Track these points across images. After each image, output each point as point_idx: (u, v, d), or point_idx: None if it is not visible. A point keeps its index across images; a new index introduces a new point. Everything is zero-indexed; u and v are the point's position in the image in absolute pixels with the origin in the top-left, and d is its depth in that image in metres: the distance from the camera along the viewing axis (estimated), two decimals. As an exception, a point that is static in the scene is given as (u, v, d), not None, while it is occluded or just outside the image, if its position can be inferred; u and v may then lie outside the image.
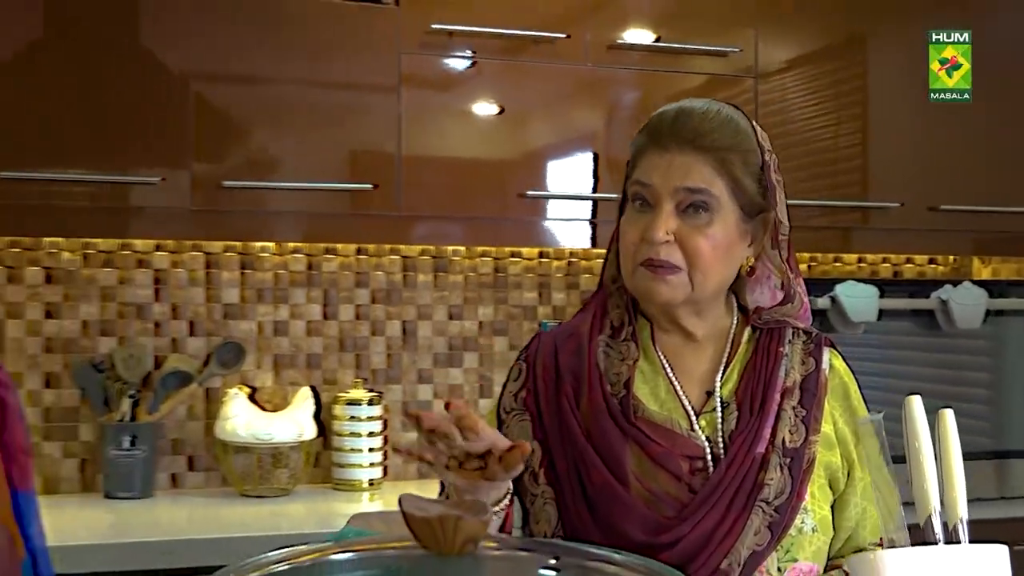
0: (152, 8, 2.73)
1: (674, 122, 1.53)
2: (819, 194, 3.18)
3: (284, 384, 3.12)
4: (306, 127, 2.84)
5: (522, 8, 2.93)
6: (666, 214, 1.49)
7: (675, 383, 1.58)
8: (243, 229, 2.91)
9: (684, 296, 1.52)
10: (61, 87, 2.65)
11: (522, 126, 3.00)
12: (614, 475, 1.51)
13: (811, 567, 1.53)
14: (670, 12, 3.07)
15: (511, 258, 3.29)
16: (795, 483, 1.51)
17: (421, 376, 3.23)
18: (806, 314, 1.65)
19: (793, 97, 3.18)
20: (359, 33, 2.85)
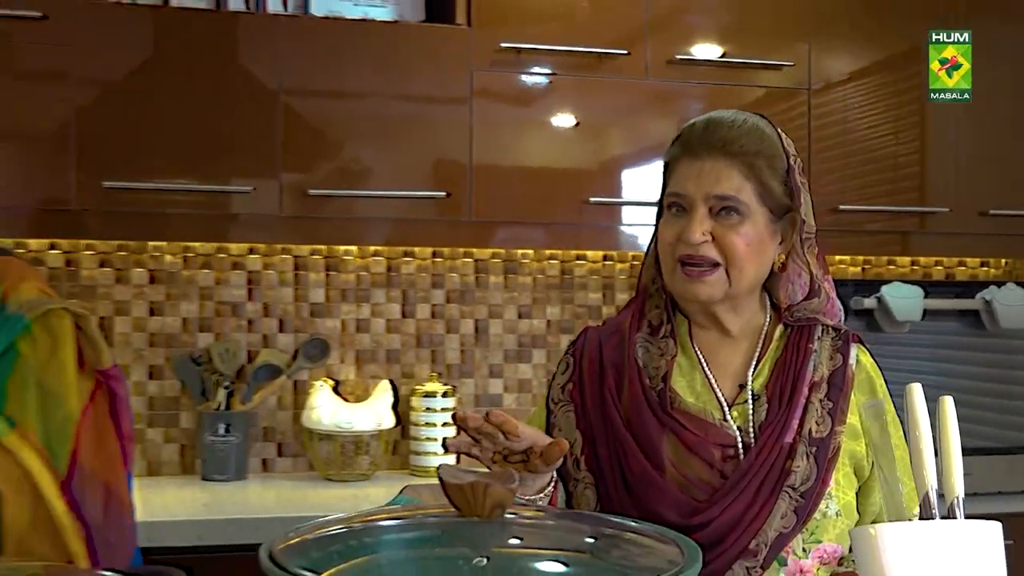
0: (249, 30, 2.80)
1: (704, 131, 1.56)
2: (877, 200, 3.15)
3: (365, 377, 3.16)
4: (385, 139, 2.85)
5: (586, 27, 2.94)
6: (701, 216, 1.52)
7: (710, 376, 1.59)
8: (328, 234, 2.95)
9: (722, 292, 1.55)
10: (167, 104, 2.71)
11: (586, 137, 2.99)
12: (651, 462, 1.53)
13: (835, 548, 1.54)
14: (728, 29, 3.05)
15: (577, 261, 3.30)
16: (820, 471, 1.52)
17: (492, 371, 3.25)
18: (833, 309, 1.65)
19: (851, 107, 3.15)
20: (435, 51, 2.88)
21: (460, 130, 2.88)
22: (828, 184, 3.09)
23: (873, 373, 1.65)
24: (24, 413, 1.46)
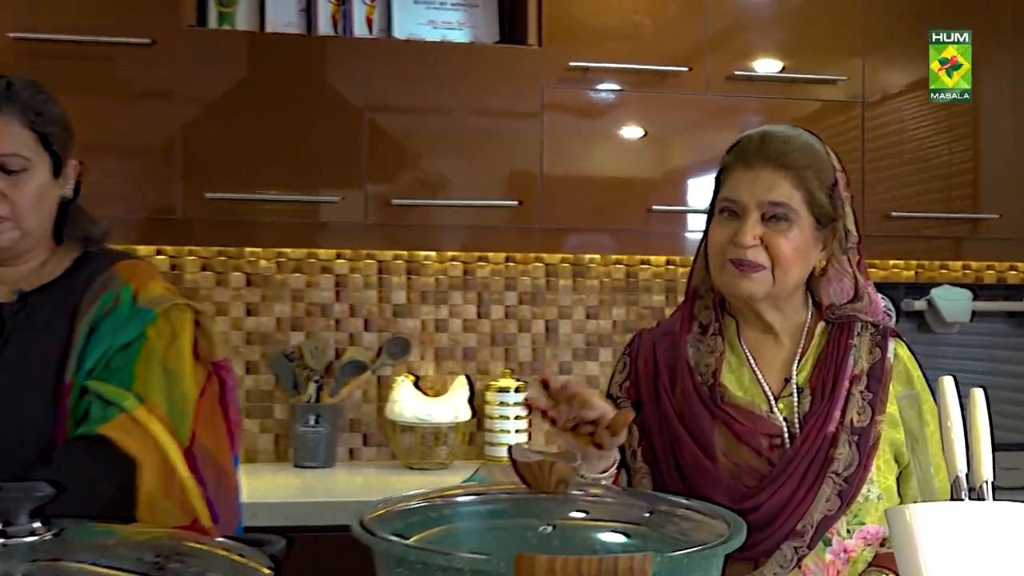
0: (336, 53, 2.86)
1: (760, 143, 1.60)
2: (930, 207, 3.12)
3: (443, 373, 3.21)
4: (462, 152, 2.90)
5: (649, 45, 2.96)
6: (753, 222, 1.55)
7: (757, 372, 1.63)
8: (409, 240, 2.99)
9: (765, 291, 1.58)
10: (263, 121, 2.78)
11: (649, 148, 3.01)
12: (703, 452, 1.57)
13: (877, 530, 1.57)
14: (785, 45, 3.06)
15: (641, 265, 3.31)
16: (862, 457, 1.55)
17: (561, 368, 3.26)
18: (876, 309, 1.68)
19: (905, 119, 3.13)
20: (508, 70, 2.92)
21: (532, 143, 2.91)
22: (881, 192, 3.08)
23: (910, 365, 1.67)
24: (149, 390, 1.56)
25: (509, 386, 3.13)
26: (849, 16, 3.10)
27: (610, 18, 2.96)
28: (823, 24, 3.09)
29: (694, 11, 3.00)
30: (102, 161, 2.59)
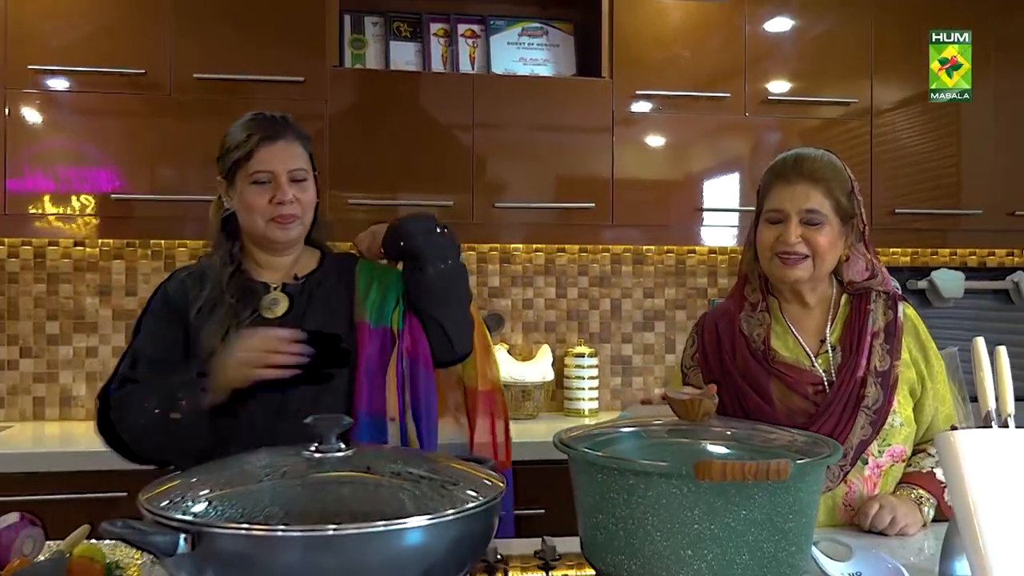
0: (447, 85, 3.00)
1: (795, 163, 1.74)
2: (922, 204, 3.19)
3: (530, 342, 3.33)
4: (545, 163, 2.99)
5: (697, 75, 3.06)
6: (794, 225, 1.71)
7: (798, 337, 1.78)
8: (503, 235, 3.10)
9: (808, 275, 1.74)
10: (390, 141, 2.88)
11: (696, 159, 3.10)
12: (762, 399, 1.72)
13: (901, 449, 1.74)
14: (806, 72, 3.13)
15: (688, 254, 3.42)
16: (886, 394, 1.71)
17: (624, 338, 3.39)
18: (888, 282, 1.81)
19: (901, 130, 3.19)
20: (584, 97, 3.02)
21: (603, 156, 3.02)
22: (886, 191, 3.17)
23: (917, 322, 1.81)
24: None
25: (583, 352, 3.25)
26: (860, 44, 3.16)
27: (665, 53, 3.07)
28: (837, 52, 3.17)
29: (734, 46, 3.10)
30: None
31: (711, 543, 1.12)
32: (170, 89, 2.81)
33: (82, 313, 3.11)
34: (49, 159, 2.78)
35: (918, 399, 1.77)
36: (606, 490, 1.17)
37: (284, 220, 1.73)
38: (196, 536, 1.01)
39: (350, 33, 3.16)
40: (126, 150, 2.82)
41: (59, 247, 3.10)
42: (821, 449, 1.22)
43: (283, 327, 1.70)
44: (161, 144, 2.83)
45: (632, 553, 1.15)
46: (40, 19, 2.77)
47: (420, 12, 3.21)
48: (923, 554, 1.57)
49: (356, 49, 3.15)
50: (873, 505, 1.67)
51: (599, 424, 1.36)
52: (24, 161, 2.76)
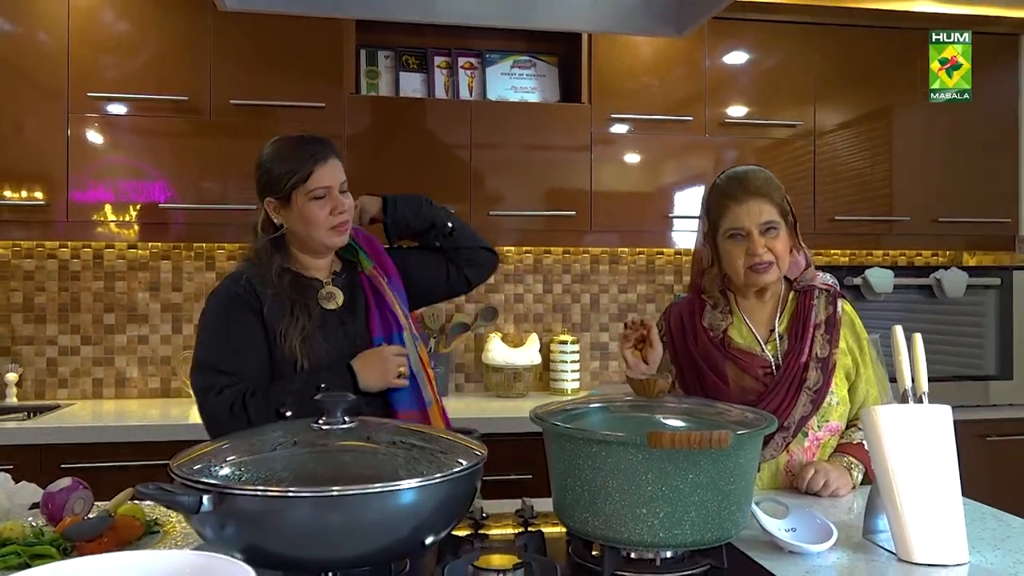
0: (447, 110, 2.98)
1: (741, 183, 1.71)
2: (860, 212, 3.19)
3: (521, 332, 3.32)
4: (533, 177, 2.99)
5: (664, 100, 3.05)
6: (757, 237, 1.68)
7: (751, 327, 1.76)
8: (498, 238, 2.98)
9: (777, 278, 1.73)
10: (398, 157, 2.88)
11: (663, 173, 3.09)
12: (719, 379, 1.71)
13: (837, 425, 1.73)
14: (755, 98, 3.13)
15: (657, 255, 3.41)
16: (826, 376, 1.70)
17: (602, 327, 3.38)
18: (817, 275, 1.79)
19: (841, 148, 3.19)
20: (567, 120, 3.01)
21: (583, 170, 3.02)
22: (827, 201, 3.17)
23: (853, 315, 1.80)
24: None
25: (567, 340, 3.25)
26: (803, 76, 3.18)
27: (637, 82, 3.06)
28: (787, 82, 3.17)
29: (695, 76, 3.10)
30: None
31: (662, 502, 1.11)
32: (209, 113, 2.80)
33: (135, 306, 3.11)
34: (106, 174, 2.78)
35: (852, 382, 1.76)
36: (574, 457, 1.17)
37: (343, 227, 1.74)
38: (218, 497, 1.00)
39: (365, 65, 3.15)
40: (172, 166, 2.81)
41: (115, 249, 3.09)
42: (760, 422, 1.21)
43: (343, 315, 1.75)
44: (202, 160, 2.82)
45: (595, 512, 1.15)
46: (96, 52, 2.77)
47: (426, 47, 3.20)
48: (852, 512, 1.56)
49: (371, 79, 3.14)
50: (809, 470, 1.66)
51: (571, 400, 1.36)
52: (86, 176, 2.76)
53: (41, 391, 3.06)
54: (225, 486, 1.00)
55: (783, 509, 1.40)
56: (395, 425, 1.23)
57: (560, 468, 1.20)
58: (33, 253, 3.05)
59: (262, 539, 1.02)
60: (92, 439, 2.51)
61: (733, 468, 1.14)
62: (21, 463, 2.44)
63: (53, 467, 2.46)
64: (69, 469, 2.44)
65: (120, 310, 3.10)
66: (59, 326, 3.06)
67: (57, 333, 3.06)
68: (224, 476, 1.03)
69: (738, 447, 1.13)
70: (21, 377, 3.02)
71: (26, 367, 3.04)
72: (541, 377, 3.31)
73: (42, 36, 2.75)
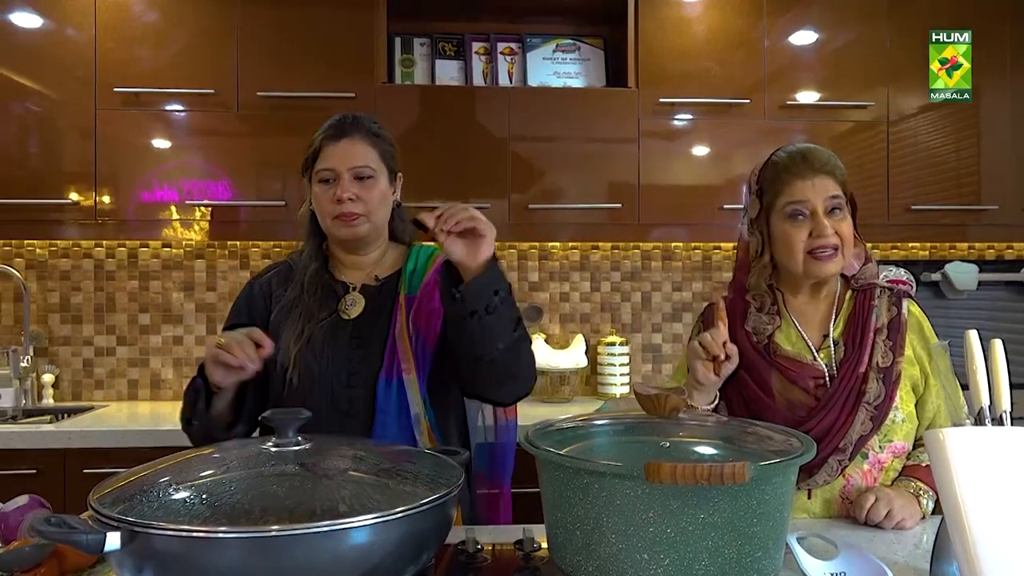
0: (486, 97, 2.82)
1: (805, 158, 1.51)
2: (940, 200, 2.92)
3: (567, 332, 3.16)
4: (579, 168, 2.82)
5: (719, 83, 2.85)
6: (823, 216, 1.48)
7: (801, 331, 1.55)
8: (540, 234, 2.91)
9: (840, 268, 1.51)
10: (433, 150, 2.76)
11: (718, 161, 2.89)
12: (762, 391, 1.51)
13: (903, 445, 1.51)
14: (826, 80, 2.90)
15: (714, 250, 3.22)
16: (888, 390, 1.48)
17: (654, 328, 3.20)
18: (879, 271, 1.59)
19: (920, 133, 2.94)
20: (613, 106, 2.84)
21: (630, 160, 2.84)
22: (903, 190, 2.91)
23: (921, 318, 1.57)
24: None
25: (615, 341, 3.08)
26: (877, 55, 2.93)
27: (689, 64, 2.86)
28: (857, 62, 2.93)
29: (754, 56, 2.88)
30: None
31: (668, 547, 0.91)
32: (236, 106, 2.71)
33: (169, 306, 3.04)
34: (135, 170, 2.71)
35: (920, 396, 1.53)
36: (564, 488, 0.97)
37: (346, 218, 1.51)
38: (128, 535, 0.85)
39: (400, 54, 3.02)
40: (200, 160, 2.73)
41: (149, 248, 3.03)
42: (794, 450, 1.00)
43: (356, 329, 1.52)
44: (231, 155, 2.73)
45: (589, 554, 0.96)
46: (123, 46, 2.71)
47: (463, 33, 3.06)
48: (920, 548, 1.33)
49: (406, 68, 3.01)
50: (869, 497, 1.43)
51: (576, 417, 1.17)
52: (116, 172, 2.70)
53: (78, 392, 3.02)
54: (137, 522, 0.85)
55: (831, 548, 1.18)
56: (355, 447, 1.06)
57: (551, 501, 1.01)
58: (69, 253, 3.02)
59: (183, 585, 0.86)
60: (127, 443, 2.43)
61: (757, 506, 0.93)
62: (44, 468, 2.40)
63: (76, 474, 2.40)
64: (90, 475, 2.38)
65: (155, 310, 3.04)
66: (95, 326, 3.02)
67: (93, 334, 3.02)
68: (140, 509, 0.88)
69: (763, 481, 0.92)
70: (58, 378, 2.99)
71: (63, 368, 3.01)
72: (588, 381, 3.15)
73: (70, 31, 2.70)
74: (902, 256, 3.15)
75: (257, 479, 0.93)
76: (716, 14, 2.87)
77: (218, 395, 1.43)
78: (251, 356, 1.34)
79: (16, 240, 2.98)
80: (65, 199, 2.68)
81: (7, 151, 2.68)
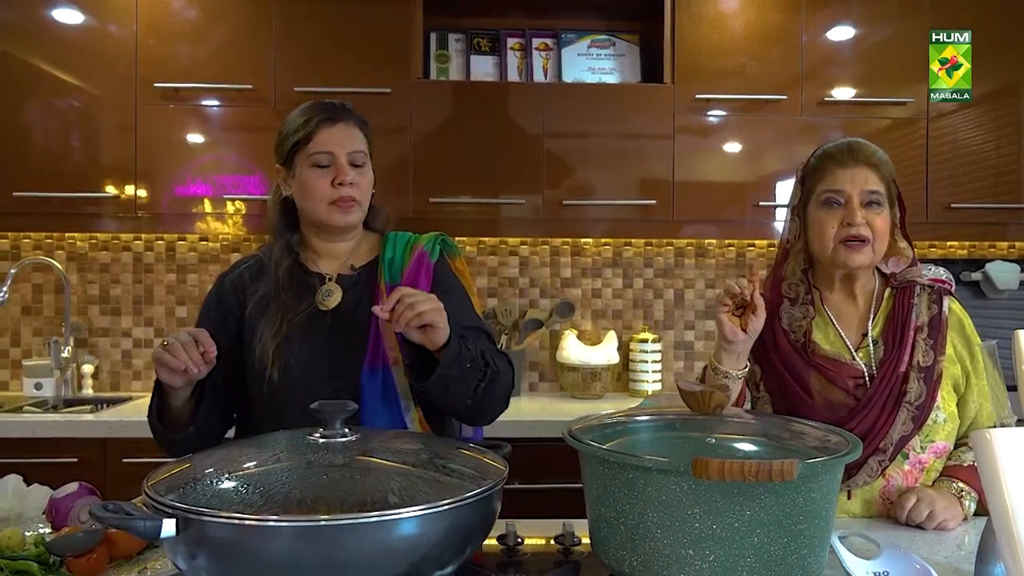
0: (520, 93, 2.82)
1: (850, 149, 1.51)
2: (980, 198, 2.87)
3: (599, 328, 3.16)
4: (613, 164, 2.81)
5: (755, 79, 2.83)
6: (857, 206, 1.48)
7: (839, 330, 1.54)
8: (574, 230, 2.90)
9: (870, 260, 1.50)
10: (467, 145, 2.76)
11: (751, 158, 2.86)
12: (802, 390, 1.50)
13: (944, 445, 1.50)
14: (863, 76, 2.86)
15: (748, 247, 3.20)
16: (929, 389, 1.47)
17: (687, 325, 3.19)
18: (921, 270, 1.57)
19: (959, 130, 2.88)
20: (648, 102, 2.82)
21: (665, 157, 2.82)
22: (942, 188, 2.87)
23: (962, 316, 1.56)
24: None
25: (647, 338, 3.07)
26: (916, 50, 2.88)
27: (726, 60, 2.84)
28: (896, 58, 2.88)
29: (791, 52, 2.85)
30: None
31: (713, 543, 0.92)
32: (274, 102, 2.74)
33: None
34: (175, 165, 2.75)
35: (962, 395, 1.52)
36: (608, 483, 0.98)
37: (345, 203, 1.50)
38: (183, 522, 0.87)
39: (436, 49, 3.03)
40: (238, 155, 2.77)
41: (186, 242, 3.08)
42: (840, 447, 1.00)
43: (336, 320, 1.52)
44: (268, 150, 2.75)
45: (633, 548, 0.96)
46: (163, 42, 2.75)
47: (498, 29, 3.07)
48: (963, 550, 1.32)
49: (441, 63, 3.02)
50: (911, 498, 1.43)
51: (618, 413, 1.17)
52: (155, 166, 2.75)
53: (116, 383, 3.08)
54: (192, 510, 0.87)
55: (873, 548, 1.17)
56: (403, 439, 1.08)
57: (594, 495, 1.02)
58: (109, 245, 3.07)
59: (236, 572, 0.88)
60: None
61: (803, 504, 0.93)
62: (85, 456, 2.44)
63: (116, 462, 2.45)
64: (129, 464, 2.43)
65: (191, 303, 3.08)
66: (133, 318, 3.07)
67: (132, 325, 3.08)
68: (195, 497, 0.90)
69: (809, 480, 0.92)
70: (97, 369, 3.05)
71: (102, 359, 3.07)
72: (620, 378, 3.14)
73: (112, 27, 2.74)
74: (940, 255, 3.10)
75: (307, 469, 0.94)
76: (753, 9, 2.85)
77: (171, 394, 1.41)
78: (195, 360, 1.31)
79: (57, 233, 3.04)
80: (104, 193, 2.73)
81: (49, 146, 2.73)
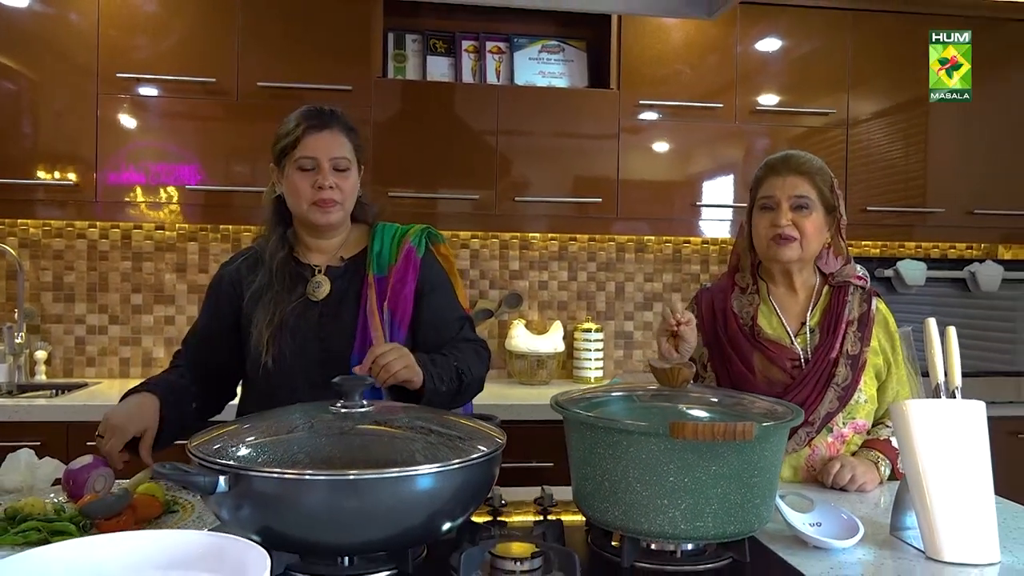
0: (474, 94, 2.93)
1: (784, 160, 1.71)
2: (891, 202, 3.12)
3: (545, 319, 3.29)
4: (560, 163, 2.94)
5: (694, 87, 3.00)
6: (785, 209, 1.66)
7: (782, 318, 1.73)
8: (523, 225, 3.00)
9: (798, 256, 1.68)
10: (423, 143, 2.85)
11: (692, 161, 3.03)
12: (745, 368, 1.68)
13: (863, 423, 1.69)
14: (790, 85, 3.06)
15: (684, 243, 3.37)
16: (854, 374, 1.66)
17: (627, 316, 3.35)
18: (857, 274, 1.76)
19: (875, 137, 3.12)
20: (595, 106, 2.97)
21: (610, 157, 2.97)
22: (859, 192, 3.11)
23: (887, 315, 1.76)
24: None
25: (591, 328, 3.22)
26: (838, 63, 3.11)
27: (667, 68, 3.01)
28: (819, 69, 3.10)
29: (727, 61, 3.05)
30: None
31: (684, 494, 1.09)
32: (237, 95, 2.80)
33: (161, 287, 3.12)
34: (136, 155, 2.79)
35: (882, 382, 1.73)
36: (594, 446, 1.14)
37: (325, 204, 1.61)
38: (234, 477, 1.00)
39: (393, 49, 3.13)
40: (200, 148, 2.82)
41: (143, 230, 3.11)
42: (786, 415, 1.18)
43: (325, 309, 1.64)
44: (230, 143, 2.82)
45: (615, 502, 1.13)
46: (126, 33, 2.78)
47: (454, 31, 3.17)
48: (879, 508, 1.53)
49: (398, 63, 3.12)
50: (835, 464, 1.63)
51: (593, 388, 1.33)
52: (116, 156, 2.78)
53: (69, 369, 3.09)
54: (241, 467, 0.99)
55: (808, 503, 1.37)
56: (413, 410, 1.22)
57: (580, 457, 1.18)
58: (63, 233, 3.08)
59: (277, 521, 1.01)
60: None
61: (757, 461, 1.11)
62: (49, 439, 2.47)
63: (79, 444, 2.49)
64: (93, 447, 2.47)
65: (147, 290, 3.12)
66: (87, 305, 3.09)
67: (85, 312, 3.09)
68: (241, 457, 1.02)
69: (763, 439, 1.10)
70: (50, 355, 3.06)
71: (55, 345, 3.08)
72: (564, 365, 3.29)
73: (73, 16, 2.76)
74: (856, 253, 3.36)
75: (340, 436, 1.08)
76: (693, 22, 3.03)
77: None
78: (116, 464, 1.46)
79: (10, 219, 3.03)
80: (65, 180, 2.75)
81: (4, 131, 2.73)
